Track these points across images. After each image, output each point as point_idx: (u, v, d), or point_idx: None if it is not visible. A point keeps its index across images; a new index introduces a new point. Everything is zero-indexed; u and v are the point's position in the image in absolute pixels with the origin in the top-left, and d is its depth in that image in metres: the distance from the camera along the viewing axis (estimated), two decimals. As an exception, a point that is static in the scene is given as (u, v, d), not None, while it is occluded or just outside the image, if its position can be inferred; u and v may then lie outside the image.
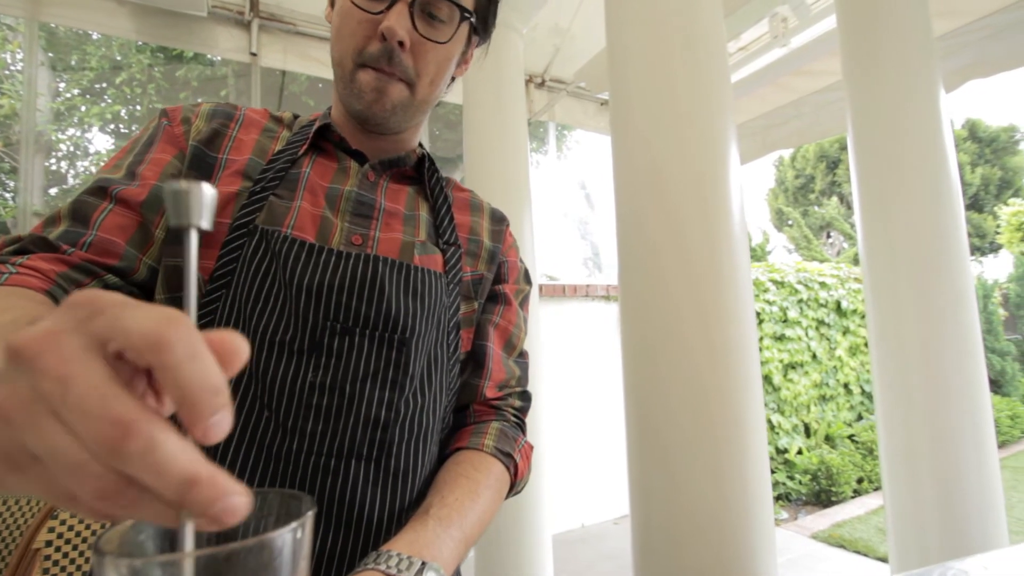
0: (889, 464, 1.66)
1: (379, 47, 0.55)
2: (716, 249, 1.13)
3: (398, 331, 0.55)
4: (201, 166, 0.57)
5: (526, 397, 0.73)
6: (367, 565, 0.46)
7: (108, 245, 0.52)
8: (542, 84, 3.70)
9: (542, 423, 1.97)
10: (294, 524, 0.25)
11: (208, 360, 0.20)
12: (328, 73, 3.03)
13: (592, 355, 3.54)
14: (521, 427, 0.71)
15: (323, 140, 0.63)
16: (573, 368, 3.41)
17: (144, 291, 0.55)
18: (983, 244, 11.72)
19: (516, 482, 0.65)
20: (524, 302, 0.76)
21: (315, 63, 3.09)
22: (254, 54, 2.82)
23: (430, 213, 0.66)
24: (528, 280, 0.77)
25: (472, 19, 0.60)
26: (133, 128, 3.23)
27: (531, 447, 0.69)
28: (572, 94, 3.79)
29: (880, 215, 1.72)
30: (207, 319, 0.53)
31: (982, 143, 12.44)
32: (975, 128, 12.54)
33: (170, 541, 0.26)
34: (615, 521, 3.39)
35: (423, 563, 0.46)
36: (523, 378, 0.73)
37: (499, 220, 0.75)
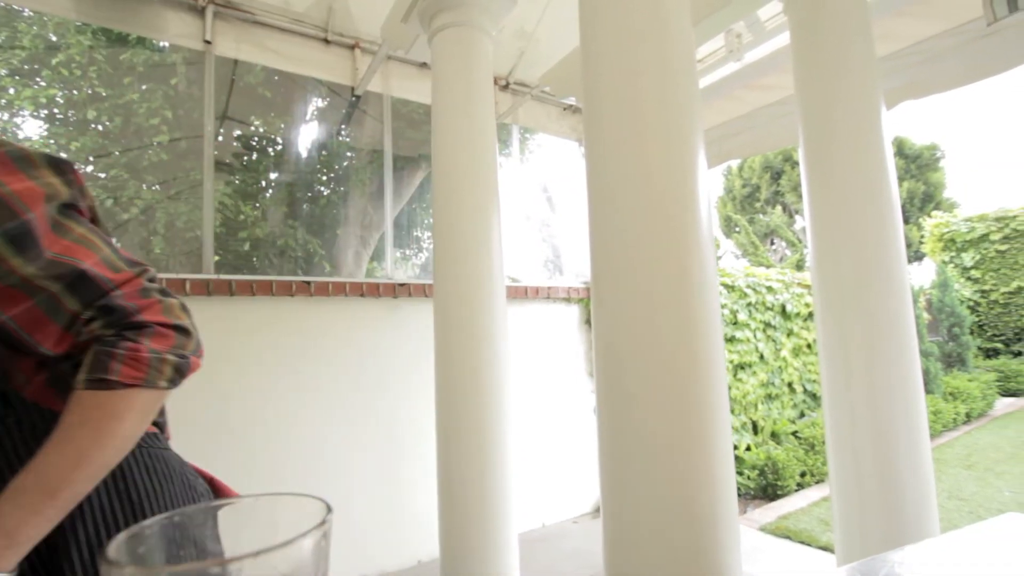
0: (835, 458, 1.77)
1: None
2: (687, 252, 1.17)
3: None
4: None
5: (105, 310, 0.60)
6: None
7: None
8: (506, 87, 3.72)
9: (510, 422, 1.98)
10: (317, 528, 0.25)
11: None
12: (288, 65, 2.94)
13: (553, 357, 3.58)
14: (123, 336, 0.60)
15: None
16: (533, 369, 3.44)
17: None
18: (908, 253, 12.65)
19: (146, 377, 0.60)
20: None
21: (272, 54, 2.98)
22: (208, 42, 2.69)
23: None
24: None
25: None
26: (70, 113, 3.01)
27: (137, 346, 0.60)
28: (536, 98, 3.83)
29: (829, 222, 1.83)
30: None
31: (908, 159, 13.44)
32: (902, 145, 13.53)
33: (175, 549, 0.25)
34: (574, 520, 3.44)
35: None
36: (72, 297, 0.59)
37: None
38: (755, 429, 4.54)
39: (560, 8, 3.30)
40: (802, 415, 5.01)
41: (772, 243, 14.21)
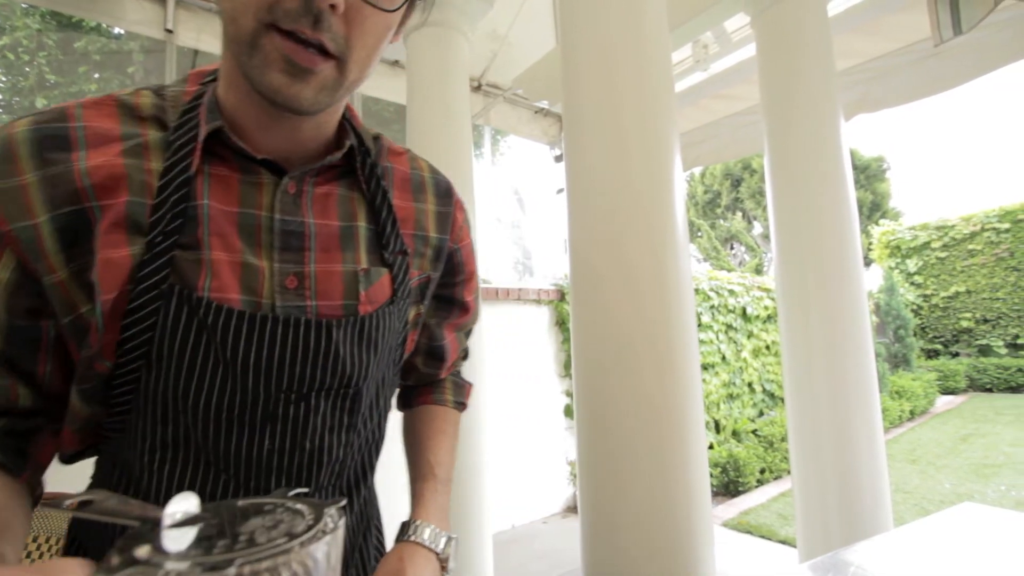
0: (797, 455, 1.84)
1: (299, 3, 0.40)
2: (664, 253, 1.20)
3: (352, 384, 0.51)
4: (68, 242, 0.42)
5: (467, 352, 0.78)
6: (408, 537, 0.56)
7: None
8: (478, 88, 3.72)
9: (484, 424, 1.97)
10: (327, 538, 0.25)
11: None
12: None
13: (523, 358, 3.59)
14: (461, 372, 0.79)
15: (217, 143, 0.47)
16: (504, 371, 3.45)
17: None
18: (858, 259, 13.29)
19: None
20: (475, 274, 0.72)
21: (237, 46, 2.89)
22: (170, 30, 2.58)
23: (369, 219, 0.54)
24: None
25: None
26: (15, 100, 2.84)
27: (472, 386, 0.78)
28: (508, 100, 3.84)
29: (792, 227, 1.91)
30: (124, 398, 0.45)
31: (857, 170, 14.15)
32: (852, 156, 14.23)
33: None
34: (544, 520, 3.46)
35: (449, 537, 0.58)
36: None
37: (446, 195, 0.64)
38: (717, 428, 4.69)
39: (533, 11, 3.33)
40: (761, 414, 5.19)
41: (732, 248, 14.69)
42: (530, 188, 4.45)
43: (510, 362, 3.49)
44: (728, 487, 4.03)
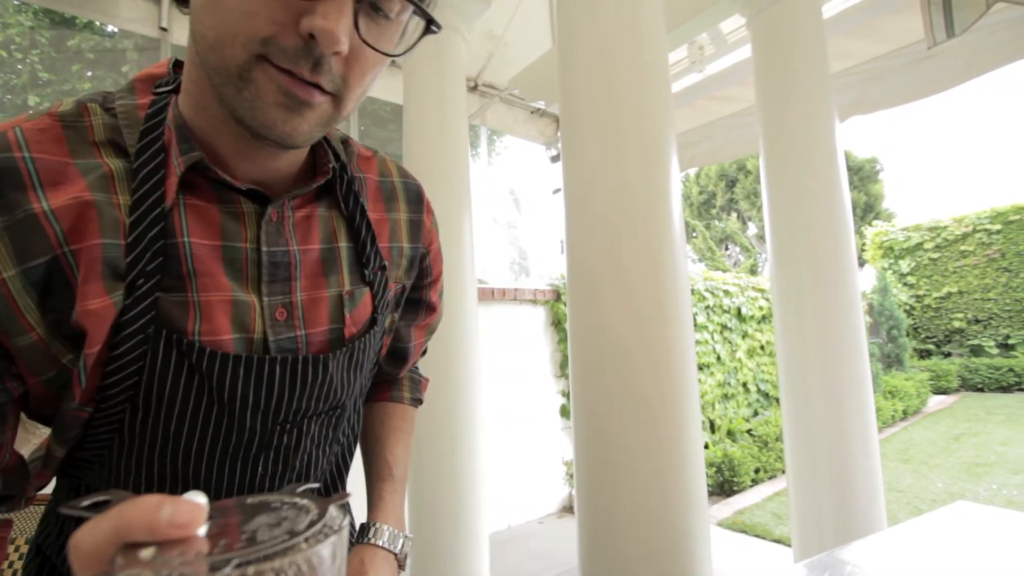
0: (792, 455, 1.85)
1: (299, 45, 0.36)
2: (661, 253, 1.20)
3: (341, 404, 0.53)
4: (46, 293, 0.38)
5: (426, 350, 0.78)
6: (369, 540, 0.58)
7: None
8: (475, 88, 3.71)
9: (480, 425, 1.97)
10: (332, 537, 0.25)
11: None
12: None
13: (519, 358, 3.59)
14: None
15: (191, 172, 0.43)
16: (500, 371, 3.45)
17: None
18: (851, 259, 13.38)
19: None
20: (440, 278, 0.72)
21: (232, 45, 2.88)
22: (164, 28, 2.57)
23: (349, 239, 0.53)
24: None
25: (434, 27, 0.41)
26: (7, 98, 2.81)
27: (428, 381, 0.80)
28: (504, 100, 3.84)
29: (787, 228, 1.92)
30: (105, 436, 0.43)
31: (851, 171, 14.24)
32: (845, 158, 14.34)
33: None
34: (540, 520, 3.46)
35: (405, 537, 0.61)
36: None
37: (416, 201, 0.62)
38: (712, 428, 4.70)
39: (529, 12, 3.33)
40: (756, 413, 5.22)
41: (727, 248, 14.75)
42: (526, 188, 4.45)
43: (506, 362, 3.49)
44: (723, 487, 4.05)
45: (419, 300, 0.67)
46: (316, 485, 0.49)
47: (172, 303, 0.41)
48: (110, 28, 2.95)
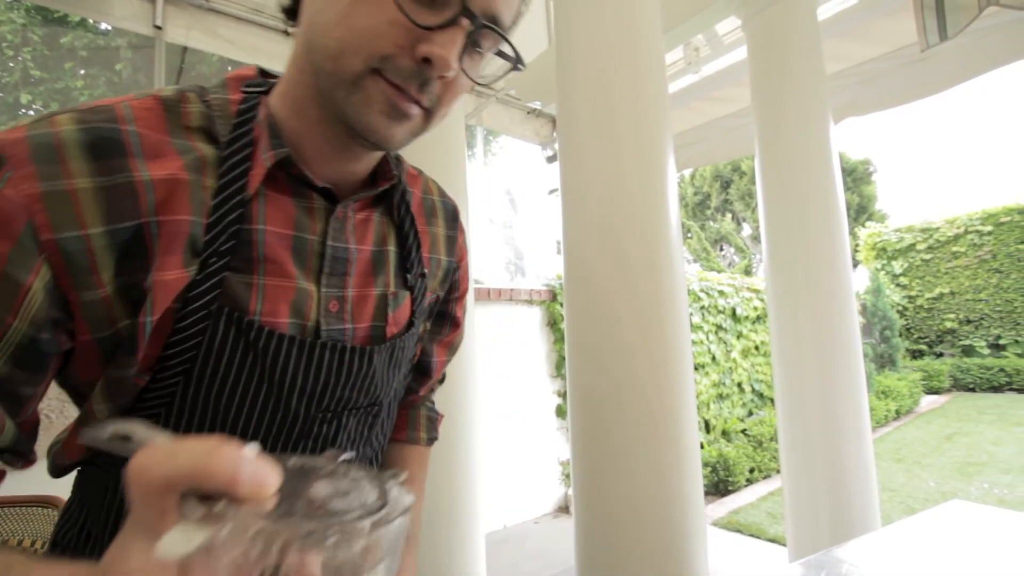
0: (787, 455, 1.86)
1: (412, 67, 0.41)
2: (657, 253, 1.20)
3: (378, 401, 0.55)
4: (128, 257, 0.40)
5: (444, 377, 0.80)
6: None
7: None
8: (471, 88, 3.71)
9: (476, 424, 1.97)
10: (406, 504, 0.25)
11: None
12: (245, 56, 2.83)
13: (515, 359, 3.60)
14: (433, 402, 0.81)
15: (275, 167, 0.46)
16: (495, 371, 3.45)
17: None
18: (845, 260, 13.47)
19: None
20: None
21: (224, 42, 2.85)
22: (159, 27, 2.55)
23: (397, 244, 0.57)
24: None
25: (520, 65, 0.48)
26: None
27: (443, 416, 0.80)
28: (501, 100, 3.84)
29: (782, 229, 1.93)
30: (155, 411, 0.44)
31: (844, 172, 14.34)
32: (839, 159, 14.44)
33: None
34: (536, 520, 3.46)
35: None
36: None
37: (453, 219, 0.67)
38: (707, 428, 4.72)
39: (526, 12, 3.32)
40: (750, 413, 5.24)
41: (721, 249, 14.81)
42: (522, 188, 4.45)
43: (502, 362, 3.49)
44: (718, 486, 4.06)
45: (445, 313, 0.70)
46: (352, 455, 0.51)
47: (239, 283, 0.44)
48: (103, 26, 2.93)
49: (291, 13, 0.47)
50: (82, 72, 2.92)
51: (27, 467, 0.44)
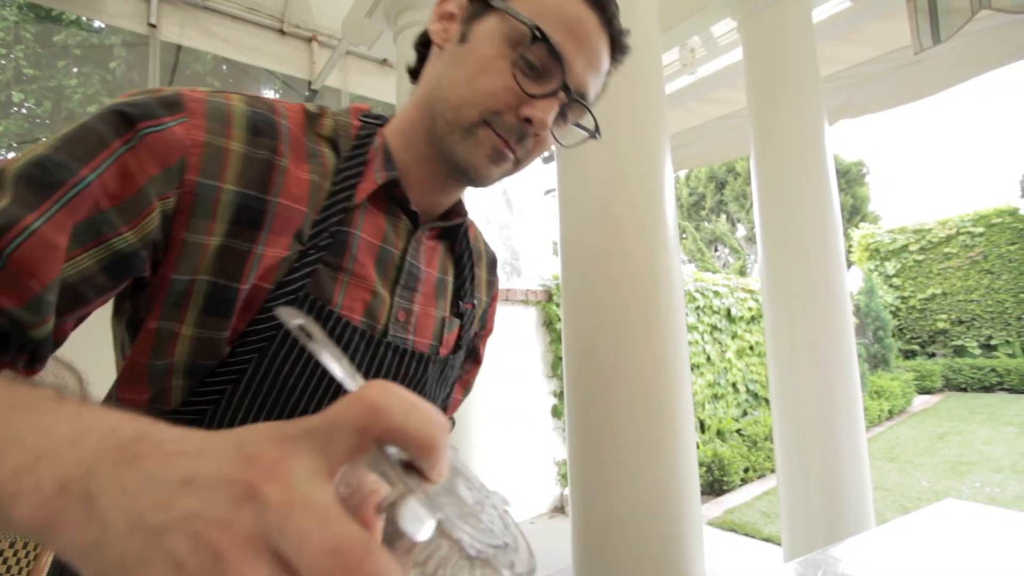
0: (783, 455, 1.87)
1: (516, 124, 0.50)
2: (654, 256, 1.21)
3: None
4: (242, 220, 0.45)
5: (454, 423, 0.83)
6: None
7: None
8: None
9: (472, 425, 1.97)
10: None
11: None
12: (239, 54, 2.81)
13: (511, 359, 3.60)
14: None
15: (381, 187, 0.54)
16: (491, 371, 3.45)
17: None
18: (838, 261, 13.56)
19: None
20: None
21: (221, 42, 2.85)
22: (153, 25, 2.53)
23: (455, 275, 0.64)
24: None
25: (597, 134, 0.58)
26: (-10, 95, 2.75)
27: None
28: (496, 100, 3.84)
29: (778, 229, 1.94)
30: (220, 387, 0.46)
31: (837, 174, 14.42)
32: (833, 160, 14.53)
33: None
34: (531, 521, 3.46)
35: None
36: None
37: (492, 267, 0.74)
38: (702, 427, 4.74)
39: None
40: (745, 413, 5.26)
41: (716, 250, 14.87)
42: (518, 189, 4.45)
43: (498, 362, 3.49)
44: (713, 486, 4.08)
45: (472, 348, 0.74)
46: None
47: (327, 276, 0.49)
48: (97, 24, 2.90)
49: (415, 74, 0.58)
50: (75, 70, 2.90)
51: (30, 374, 0.41)
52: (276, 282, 0.46)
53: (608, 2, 0.53)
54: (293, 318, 0.24)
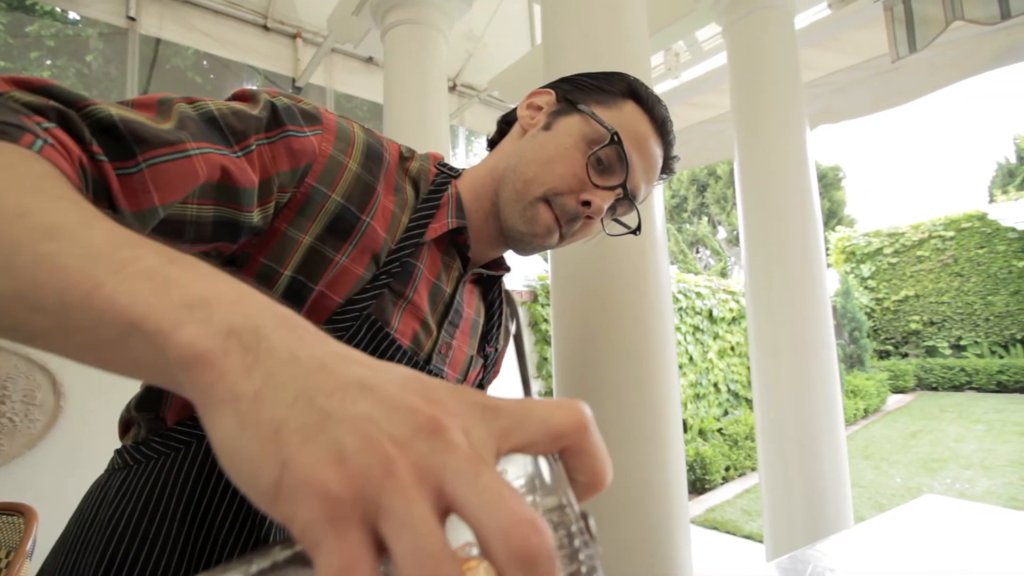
0: (764, 454, 1.90)
1: (574, 208, 0.57)
2: (642, 256, 1.22)
3: None
4: (336, 229, 0.51)
5: None
6: None
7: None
8: (453, 88, 3.70)
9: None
10: None
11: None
12: (221, 50, 2.76)
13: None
14: None
15: (448, 231, 0.60)
16: (479, 372, 3.43)
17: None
18: (815, 263, 13.84)
19: None
20: None
21: (203, 36, 2.79)
22: (132, 18, 2.47)
23: (485, 319, 0.69)
24: None
25: (637, 231, 0.66)
26: (-42, 86, 2.66)
27: None
28: (483, 101, 3.84)
29: (761, 232, 1.97)
30: None
31: (816, 178, 14.77)
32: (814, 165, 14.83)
33: None
34: (516, 521, 3.46)
35: None
36: None
37: (513, 315, 0.78)
38: (684, 427, 4.80)
39: (508, 13, 3.34)
40: (726, 413, 5.34)
41: (698, 251, 15.07)
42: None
43: (483, 363, 3.47)
44: (695, 484, 4.13)
45: (480, 387, 0.77)
46: None
47: (389, 300, 0.54)
48: (72, 15, 2.83)
49: (492, 144, 0.67)
50: (48, 62, 2.82)
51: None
52: (347, 298, 0.51)
53: (669, 132, 0.62)
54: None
